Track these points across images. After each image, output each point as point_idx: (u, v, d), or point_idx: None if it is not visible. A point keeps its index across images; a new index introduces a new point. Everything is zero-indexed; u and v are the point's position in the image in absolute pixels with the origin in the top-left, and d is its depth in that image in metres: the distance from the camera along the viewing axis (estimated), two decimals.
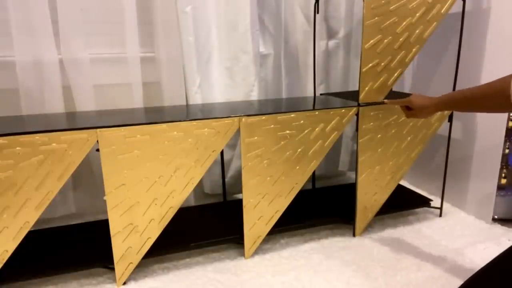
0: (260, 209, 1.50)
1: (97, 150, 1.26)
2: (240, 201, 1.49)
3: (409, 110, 1.29)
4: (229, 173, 2.04)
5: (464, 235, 1.69)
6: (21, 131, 1.19)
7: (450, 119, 1.72)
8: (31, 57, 1.58)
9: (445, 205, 1.90)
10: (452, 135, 1.78)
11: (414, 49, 1.54)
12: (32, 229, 1.27)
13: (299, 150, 1.51)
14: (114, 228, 1.33)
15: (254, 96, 1.94)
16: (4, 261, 1.22)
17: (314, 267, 1.47)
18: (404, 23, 1.48)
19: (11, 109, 1.60)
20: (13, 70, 1.57)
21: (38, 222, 1.25)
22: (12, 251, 1.23)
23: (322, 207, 1.84)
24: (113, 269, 1.37)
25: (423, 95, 1.28)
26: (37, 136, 1.19)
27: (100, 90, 1.73)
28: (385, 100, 1.40)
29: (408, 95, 1.95)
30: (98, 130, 1.25)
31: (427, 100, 1.24)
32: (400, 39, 1.50)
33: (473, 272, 1.00)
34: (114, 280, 1.39)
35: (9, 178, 1.18)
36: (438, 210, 1.87)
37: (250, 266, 1.49)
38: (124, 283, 1.39)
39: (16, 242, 1.22)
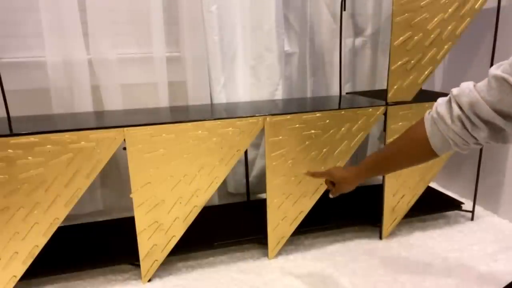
0: (284, 210, 1.49)
1: (124, 148, 1.28)
2: (264, 201, 1.48)
3: (334, 185, 1.15)
4: (253, 173, 2.03)
5: (497, 240, 1.62)
6: (51, 129, 1.23)
7: None
8: (61, 57, 1.63)
9: (477, 208, 1.83)
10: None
11: (446, 46, 1.48)
12: (61, 225, 1.30)
13: (325, 150, 1.48)
14: (140, 226, 1.35)
15: (279, 95, 1.93)
16: (35, 256, 1.26)
17: (339, 270, 1.44)
18: (436, 19, 1.43)
19: (42, 108, 1.65)
20: (45, 70, 1.62)
21: (66, 218, 1.29)
22: (42, 247, 1.27)
23: (348, 208, 1.80)
24: (138, 266, 1.39)
25: (343, 167, 1.17)
26: (66, 135, 1.22)
27: (127, 90, 1.76)
28: (304, 172, 1.31)
29: (439, 94, 1.89)
30: (125, 129, 1.27)
31: (345, 171, 1.12)
32: (431, 36, 1.45)
33: (507, 279, 0.95)
34: (139, 277, 1.41)
35: (40, 175, 1.21)
36: (470, 214, 1.80)
37: (274, 266, 1.48)
38: (149, 280, 1.41)
39: (46, 237, 1.26)
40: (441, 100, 0.83)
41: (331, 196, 1.18)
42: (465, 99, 0.76)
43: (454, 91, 0.79)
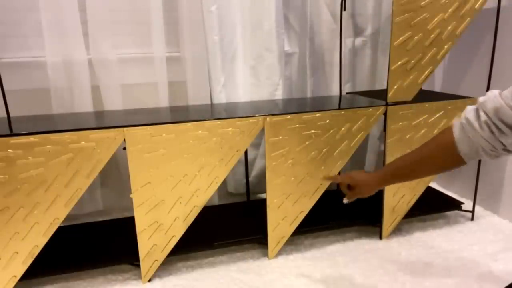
0: (284, 210, 1.49)
1: (124, 148, 1.28)
2: (264, 201, 1.48)
3: (351, 190, 1.15)
4: (253, 173, 2.03)
5: (497, 240, 1.62)
6: (51, 129, 1.23)
7: None
8: (61, 57, 1.63)
9: (477, 208, 1.82)
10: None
11: (446, 46, 1.48)
12: (61, 225, 1.30)
13: (325, 150, 1.48)
14: (140, 226, 1.35)
15: (279, 95, 1.93)
16: (35, 256, 1.26)
17: (339, 270, 1.44)
18: (436, 19, 1.43)
19: (42, 108, 1.65)
20: (45, 70, 1.62)
21: (66, 218, 1.28)
22: (42, 247, 1.27)
23: (348, 209, 1.79)
24: (138, 266, 1.39)
25: (363, 171, 1.16)
26: (66, 135, 1.22)
27: (127, 90, 1.76)
28: (322, 177, 1.38)
29: (439, 94, 1.89)
30: (125, 129, 1.27)
31: (368, 175, 1.12)
32: (431, 36, 1.45)
33: (507, 279, 0.95)
34: (139, 276, 1.41)
35: (40, 175, 1.21)
36: (470, 214, 1.80)
37: (274, 266, 1.48)
38: (149, 280, 1.41)
39: (46, 237, 1.26)
40: (470, 107, 0.86)
41: (345, 201, 1.18)
42: (490, 105, 0.79)
43: (481, 98, 0.82)
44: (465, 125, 0.85)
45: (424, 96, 1.66)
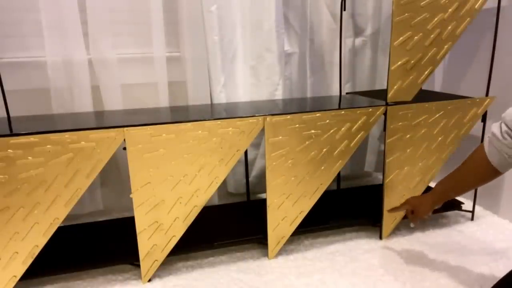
0: (284, 210, 1.49)
1: (124, 148, 1.28)
2: (264, 201, 1.48)
3: (413, 213, 1.33)
4: (253, 173, 2.03)
5: (497, 240, 1.62)
6: (51, 129, 1.23)
7: (484, 118, 1.65)
8: (61, 57, 1.63)
9: (477, 208, 1.82)
10: (486, 136, 1.71)
11: (446, 46, 1.48)
12: (61, 225, 1.30)
13: (325, 150, 1.48)
14: (140, 226, 1.35)
15: (279, 95, 1.93)
16: (35, 256, 1.26)
17: (339, 270, 1.44)
18: (436, 19, 1.43)
19: (42, 108, 1.65)
20: (45, 70, 1.62)
21: (66, 218, 1.28)
22: (42, 247, 1.27)
23: (348, 208, 1.81)
24: (138, 266, 1.39)
25: (418, 195, 1.35)
26: (66, 135, 1.22)
27: (127, 90, 1.76)
28: (387, 210, 1.50)
29: (439, 94, 1.89)
30: (125, 129, 1.26)
31: (422, 197, 1.31)
32: (431, 36, 1.45)
33: None
34: (139, 276, 1.41)
35: (40, 175, 1.21)
36: (470, 214, 1.80)
37: (274, 266, 1.48)
38: (149, 280, 1.41)
39: (46, 237, 1.26)
40: (495, 123, 1.04)
41: (412, 225, 1.37)
42: (509, 118, 0.98)
43: (503, 114, 1.00)
44: (491, 139, 1.02)
45: (424, 96, 1.67)
